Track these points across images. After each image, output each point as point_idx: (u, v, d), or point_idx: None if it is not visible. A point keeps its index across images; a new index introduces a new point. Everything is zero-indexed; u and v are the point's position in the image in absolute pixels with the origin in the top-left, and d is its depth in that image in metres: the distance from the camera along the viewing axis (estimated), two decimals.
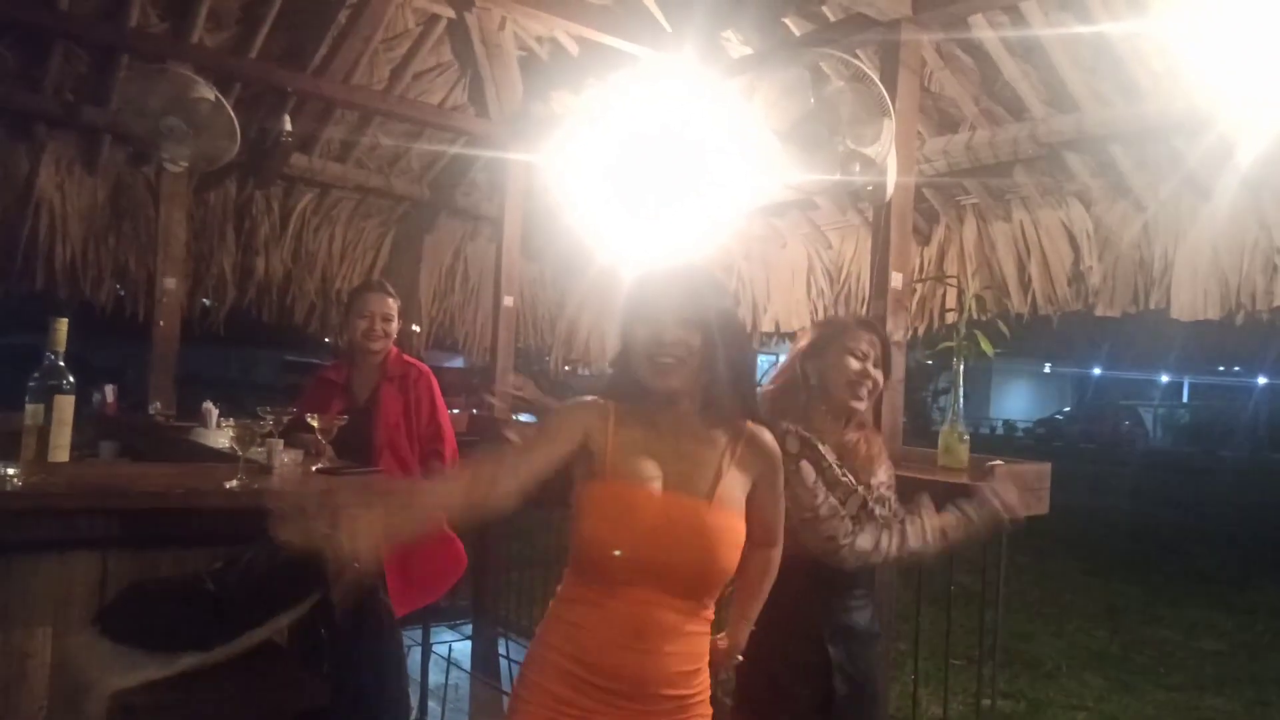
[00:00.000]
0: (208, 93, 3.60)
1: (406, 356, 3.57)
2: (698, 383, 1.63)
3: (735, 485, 1.64)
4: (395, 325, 3.45)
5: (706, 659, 1.65)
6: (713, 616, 1.65)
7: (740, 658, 1.79)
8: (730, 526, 1.61)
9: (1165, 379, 36.12)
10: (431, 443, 3.47)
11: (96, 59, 4.05)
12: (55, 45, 3.91)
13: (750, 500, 1.68)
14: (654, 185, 3.69)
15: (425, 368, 3.55)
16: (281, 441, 2.46)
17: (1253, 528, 12.03)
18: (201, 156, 3.70)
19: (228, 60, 4.11)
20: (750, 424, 1.69)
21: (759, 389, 1.82)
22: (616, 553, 1.56)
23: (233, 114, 3.64)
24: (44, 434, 1.98)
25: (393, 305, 3.44)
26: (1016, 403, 35.77)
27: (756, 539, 1.70)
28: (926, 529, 2.01)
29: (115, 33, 3.90)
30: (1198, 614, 7.04)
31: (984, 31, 3.09)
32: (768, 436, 1.71)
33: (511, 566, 4.53)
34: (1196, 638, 6.36)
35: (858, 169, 2.78)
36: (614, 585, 1.57)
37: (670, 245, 4.41)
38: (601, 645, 1.56)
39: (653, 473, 1.60)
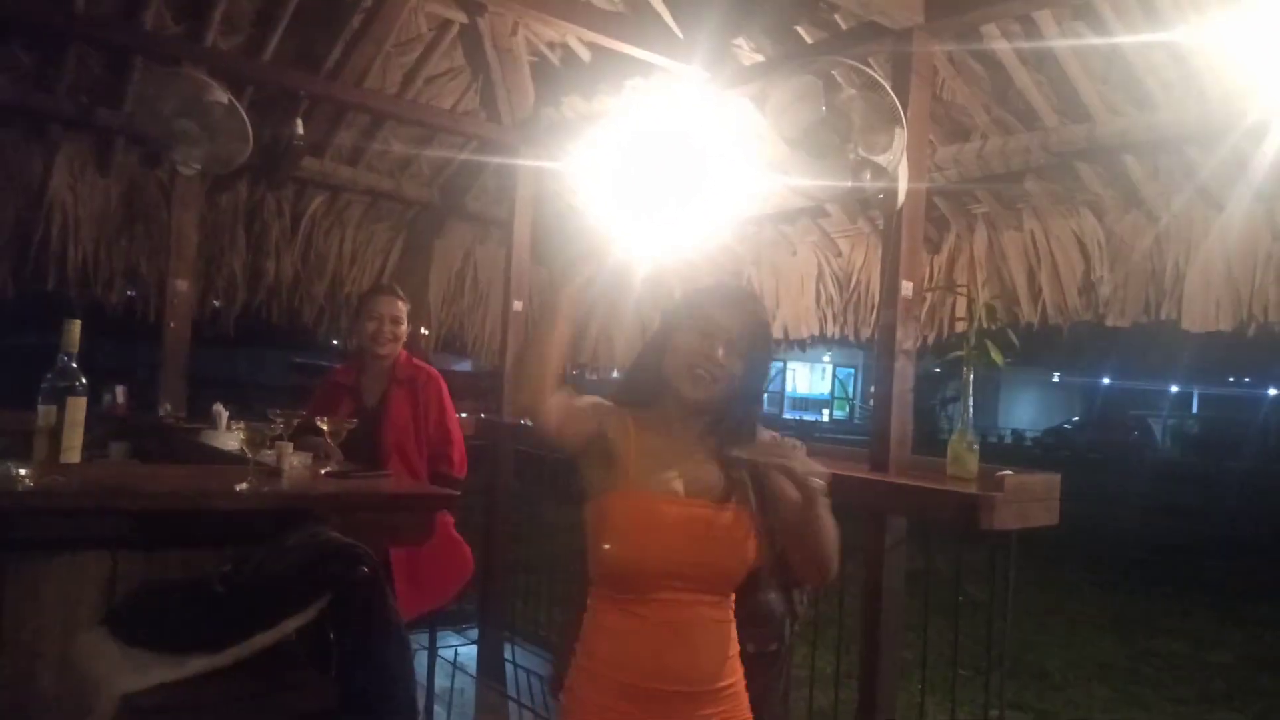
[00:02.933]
0: (221, 96, 3.62)
1: (416, 360, 3.58)
2: (719, 403, 1.67)
3: (748, 495, 1.67)
4: (404, 328, 3.46)
5: (736, 646, 1.69)
6: (733, 601, 1.70)
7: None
8: (743, 521, 1.64)
9: (1175, 390, 35.97)
10: (440, 446, 3.48)
11: (111, 61, 4.07)
12: (70, 47, 3.93)
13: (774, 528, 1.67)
14: (666, 192, 3.68)
15: (434, 371, 3.56)
16: (291, 444, 2.47)
17: (1262, 539, 11.96)
18: (214, 159, 3.72)
19: (241, 63, 4.13)
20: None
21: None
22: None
23: (245, 117, 3.66)
24: (56, 435, 1.99)
25: (401, 308, 3.45)
26: (1025, 412, 35.64)
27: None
28: None
29: (130, 35, 3.92)
30: (1206, 626, 7.00)
31: (996, 41, 3.09)
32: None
33: (518, 571, 4.53)
34: (1205, 650, 6.33)
35: (869, 176, 2.78)
36: (647, 591, 1.60)
37: (681, 250, 4.41)
38: (648, 649, 1.59)
39: (673, 480, 1.64)
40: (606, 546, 1.61)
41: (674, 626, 1.60)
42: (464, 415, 3.95)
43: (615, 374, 6.15)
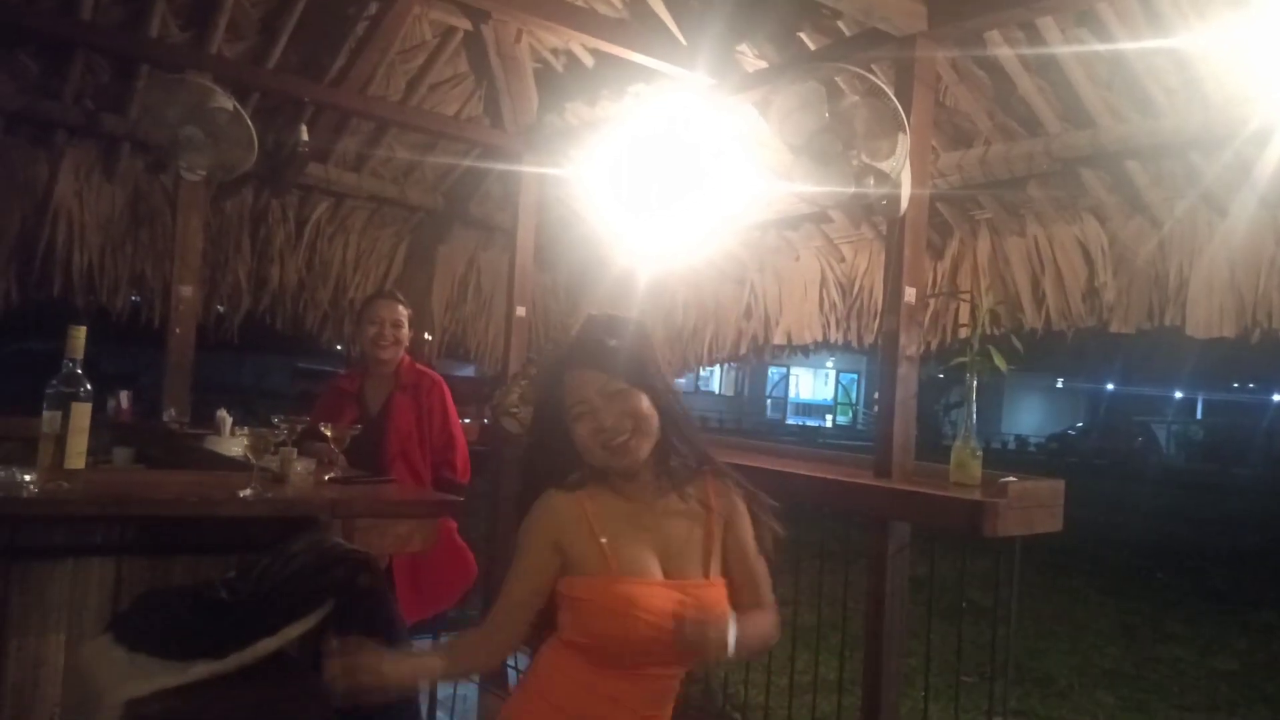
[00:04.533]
0: (226, 102, 3.63)
1: (419, 365, 3.59)
2: (656, 444, 1.61)
3: (718, 548, 1.64)
4: (405, 332, 3.46)
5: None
6: None
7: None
8: (722, 595, 1.61)
9: (1179, 395, 35.90)
10: (443, 452, 3.49)
11: (117, 68, 4.09)
12: (76, 54, 3.95)
13: (730, 555, 1.65)
14: (668, 197, 3.70)
15: (437, 377, 3.57)
16: (295, 450, 2.47)
17: (1267, 546, 11.91)
18: (219, 165, 3.73)
19: (246, 70, 4.15)
20: (709, 471, 1.67)
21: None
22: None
23: (250, 124, 3.67)
24: (61, 441, 1.99)
25: (402, 312, 3.46)
26: (1029, 418, 35.58)
27: (744, 600, 1.64)
28: None
29: (136, 42, 3.94)
30: (1212, 633, 6.97)
31: (999, 47, 3.09)
32: (728, 483, 1.68)
33: None
34: (1210, 657, 6.30)
35: (872, 183, 2.79)
36: (626, 668, 1.58)
37: (683, 256, 4.42)
38: (606, 703, 1.57)
39: (649, 559, 1.58)
40: (583, 624, 1.57)
41: (639, 692, 1.58)
42: (467, 421, 3.95)
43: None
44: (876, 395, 3.04)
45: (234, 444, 3.03)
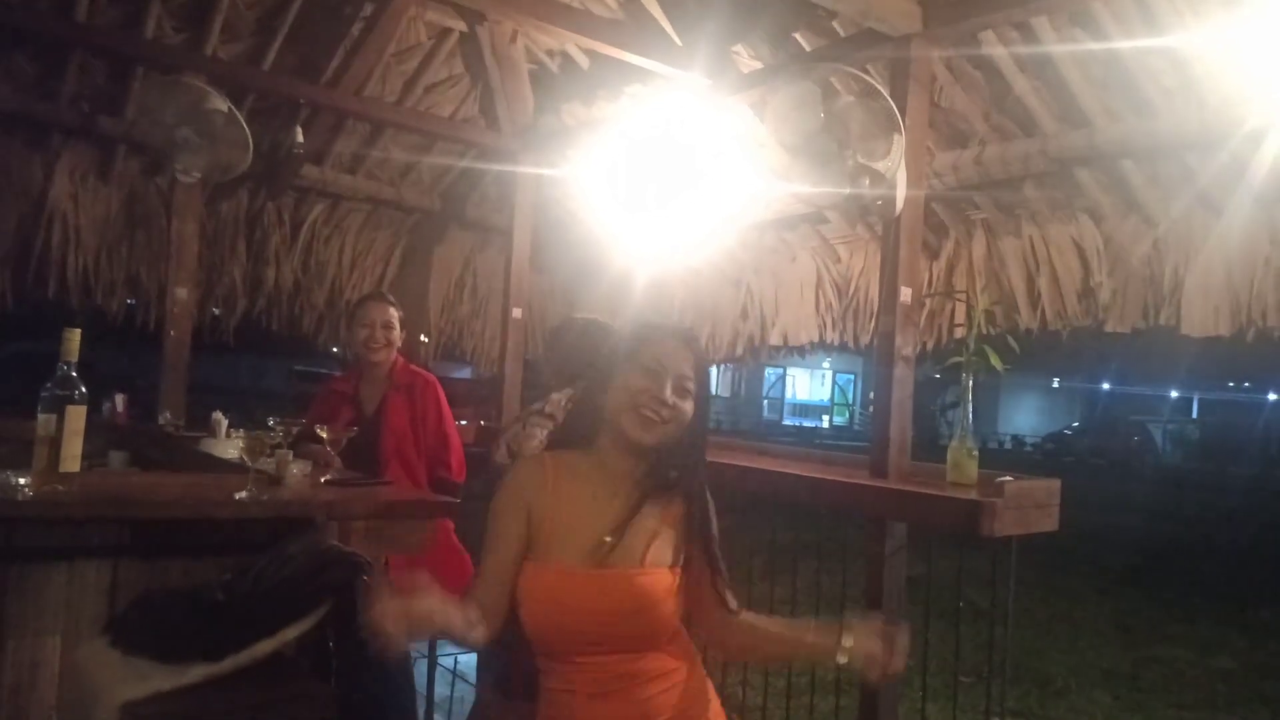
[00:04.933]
0: (221, 104, 3.63)
1: (413, 366, 3.58)
2: (664, 447, 1.62)
3: (668, 544, 1.62)
4: (397, 333, 3.46)
5: (709, 692, 1.66)
6: (689, 643, 1.66)
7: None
8: (661, 582, 1.59)
9: (1175, 395, 36.02)
10: (438, 452, 3.48)
11: (113, 70, 4.09)
12: (72, 55, 3.95)
13: (690, 567, 1.64)
14: (664, 199, 3.70)
15: (432, 378, 3.57)
16: (291, 452, 2.46)
17: (1264, 545, 11.94)
18: (215, 167, 3.73)
19: (242, 72, 4.15)
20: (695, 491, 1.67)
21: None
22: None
23: (246, 125, 3.67)
24: (56, 444, 1.98)
25: (393, 313, 3.45)
26: (1025, 417, 35.65)
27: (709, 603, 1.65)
28: None
29: (131, 44, 3.94)
30: (1209, 632, 6.98)
31: (994, 48, 3.09)
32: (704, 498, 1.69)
33: None
34: (1208, 656, 6.31)
35: (867, 183, 2.79)
36: (568, 658, 1.58)
37: (679, 257, 4.42)
38: (584, 703, 1.56)
39: (586, 547, 1.57)
40: (521, 612, 1.57)
41: (601, 683, 1.56)
42: (463, 422, 3.95)
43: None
44: (873, 395, 3.05)
45: (230, 446, 3.02)
